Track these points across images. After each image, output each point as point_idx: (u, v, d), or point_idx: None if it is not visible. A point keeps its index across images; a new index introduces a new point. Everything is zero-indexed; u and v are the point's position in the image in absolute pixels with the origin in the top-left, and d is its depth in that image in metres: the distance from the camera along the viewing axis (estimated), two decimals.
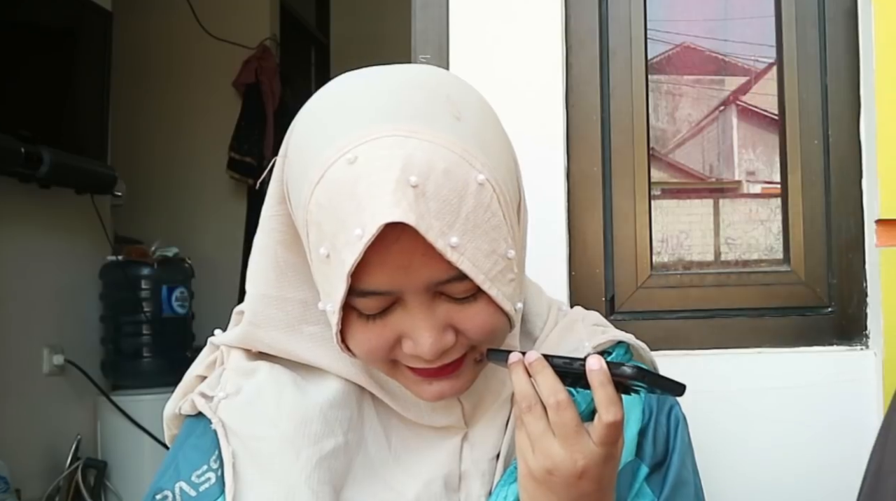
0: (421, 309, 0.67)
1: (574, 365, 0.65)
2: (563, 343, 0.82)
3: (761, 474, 1.16)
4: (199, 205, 3.91)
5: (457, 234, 0.64)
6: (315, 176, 0.64)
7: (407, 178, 0.62)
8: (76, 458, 2.90)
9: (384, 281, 0.65)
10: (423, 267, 0.65)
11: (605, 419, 0.64)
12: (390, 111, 0.66)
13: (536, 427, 0.66)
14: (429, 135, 0.64)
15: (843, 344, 1.19)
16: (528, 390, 0.66)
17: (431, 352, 0.67)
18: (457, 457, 0.77)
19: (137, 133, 3.73)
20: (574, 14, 1.21)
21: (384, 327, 0.68)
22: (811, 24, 1.23)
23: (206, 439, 0.77)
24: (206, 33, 3.80)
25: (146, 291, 3.20)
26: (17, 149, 2.57)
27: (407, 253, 0.64)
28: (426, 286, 0.66)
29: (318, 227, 0.65)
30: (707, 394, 1.16)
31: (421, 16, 1.19)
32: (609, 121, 1.22)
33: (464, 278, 0.65)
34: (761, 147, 1.36)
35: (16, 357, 2.70)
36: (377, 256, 0.63)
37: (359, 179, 0.62)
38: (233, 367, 0.79)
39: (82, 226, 3.04)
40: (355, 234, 0.62)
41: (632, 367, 0.63)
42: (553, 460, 0.65)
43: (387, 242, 0.63)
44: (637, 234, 1.21)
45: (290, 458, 0.72)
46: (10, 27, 2.70)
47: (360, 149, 0.63)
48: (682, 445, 0.83)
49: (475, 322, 0.69)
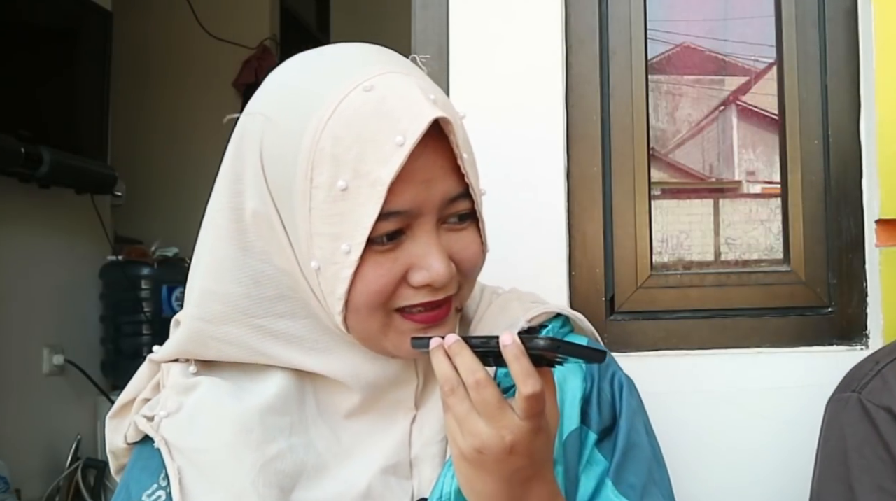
0: (431, 236, 0.71)
1: (490, 343, 0.66)
2: (498, 321, 0.83)
3: (761, 474, 1.16)
4: (199, 205, 3.85)
5: (466, 152, 0.71)
6: (327, 111, 0.68)
7: (427, 95, 0.68)
8: (76, 458, 2.90)
9: (409, 197, 0.69)
10: (442, 180, 0.70)
11: (524, 391, 0.64)
12: (379, 59, 0.72)
13: (461, 408, 0.66)
14: (418, 72, 0.73)
15: (843, 344, 1.19)
16: (449, 373, 0.67)
17: (445, 275, 0.70)
18: (406, 443, 0.77)
19: (137, 133, 3.73)
20: (574, 14, 1.21)
21: (395, 261, 0.71)
22: (811, 24, 1.23)
23: (154, 460, 0.77)
24: (206, 33, 3.80)
25: (146, 291, 3.20)
26: (17, 149, 2.56)
27: (430, 166, 0.69)
28: (442, 202, 0.70)
29: (333, 162, 0.67)
30: (707, 394, 1.16)
31: (421, 16, 1.19)
32: (609, 121, 1.22)
33: (466, 196, 0.72)
34: (761, 147, 1.36)
35: (16, 357, 2.70)
36: (405, 172, 0.67)
37: (383, 99, 0.67)
38: (172, 385, 0.79)
39: (82, 226, 3.04)
40: (395, 142, 0.66)
41: (545, 339, 0.64)
42: (481, 438, 0.66)
43: (414, 155, 0.67)
44: (637, 234, 1.21)
45: (233, 466, 0.73)
46: (11, 27, 2.70)
47: (374, 80, 0.68)
48: (630, 409, 0.83)
49: (468, 251, 0.74)
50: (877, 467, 0.88)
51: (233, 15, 3.91)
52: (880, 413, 0.90)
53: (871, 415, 0.90)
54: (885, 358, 0.95)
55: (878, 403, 0.90)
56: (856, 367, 0.98)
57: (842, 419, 0.93)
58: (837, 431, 0.94)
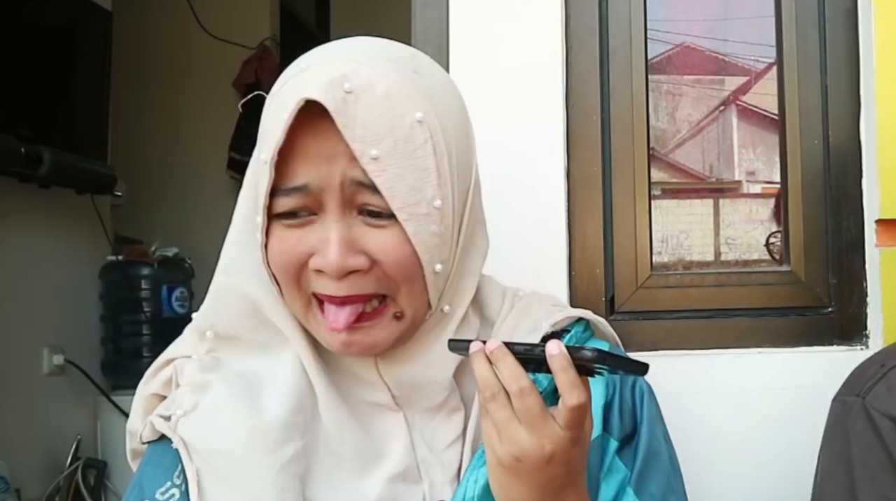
0: (335, 221, 0.71)
1: (535, 351, 0.66)
2: (520, 325, 0.83)
3: (761, 474, 1.16)
4: (199, 205, 3.90)
5: (380, 151, 0.69)
6: (275, 90, 0.72)
7: (342, 83, 0.68)
8: (76, 458, 2.90)
9: (307, 171, 0.70)
10: (344, 160, 0.69)
11: (569, 402, 0.64)
12: (358, 50, 0.73)
13: (501, 414, 0.66)
14: (382, 69, 0.71)
15: (843, 344, 1.19)
16: (490, 378, 0.67)
17: (335, 264, 0.70)
18: (409, 447, 0.77)
19: (137, 133, 3.73)
20: (574, 14, 1.21)
21: (299, 240, 0.72)
22: (811, 24, 1.23)
23: (167, 457, 0.78)
24: (206, 33, 3.80)
25: (146, 291, 3.20)
26: (17, 149, 2.56)
27: (331, 143, 0.69)
28: (342, 184, 0.70)
29: (262, 137, 0.72)
30: (707, 394, 1.16)
31: (421, 16, 1.19)
32: (609, 121, 1.22)
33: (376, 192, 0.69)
34: (761, 147, 1.36)
35: (16, 357, 2.70)
36: (301, 143, 0.69)
37: (301, 80, 0.70)
38: (187, 382, 0.80)
39: (82, 226, 3.04)
40: (282, 119, 0.68)
41: (592, 350, 0.63)
42: (520, 446, 0.66)
43: (316, 133, 0.69)
44: (637, 234, 1.21)
45: (252, 469, 0.73)
46: (10, 27, 2.70)
47: (316, 60, 0.72)
48: (651, 416, 0.83)
49: (388, 252, 0.71)
50: (881, 476, 0.88)
51: (233, 15, 3.90)
52: (885, 421, 0.89)
53: (875, 423, 0.89)
54: (891, 361, 0.93)
55: (882, 411, 0.89)
56: (861, 368, 0.97)
57: (846, 424, 0.92)
58: (842, 436, 0.93)
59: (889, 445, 0.88)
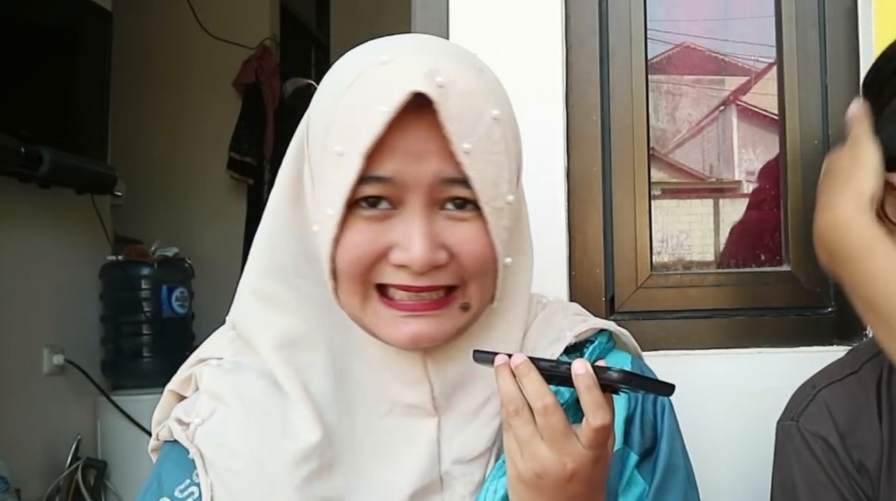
0: (419, 216, 0.70)
1: (560, 368, 0.65)
2: (544, 334, 0.82)
3: (761, 474, 1.16)
4: (199, 205, 3.90)
5: (472, 145, 0.69)
6: (349, 82, 0.69)
7: (434, 77, 0.67)
8: (76, 458, 2.90)
9: (393, 166, 0.68)
10: (435, 158, 0.69)
11: (594, 423, 0.64)
12: (424, 45, 0.73)
13: (524, 430, 0.66)
14: (457, 65, 0.70)
15: (843, 344, 1.19)
16: (514, 393, 0.66)
17: (422, 259, 0.69)
18: (436, 458, 0.76)
19: (137, 133, 3.73)
20: (574, 14, 1.21)
21: (379, 233, 0.71)
22: (811, 24, 1.23)
23: (186, 455, 0.78)
24: (206, 33, 3.80)
25: (146, 291, 3.20)
26: (17, 149, 2.56)
27: (422, 141, 0.68)
28: (433, 180, 0.69)
29: (339, 129, 0.69)
30: (707, 394, 1.16)
31: (421, 16, 1.19)
32: (609, 121, 1.22)
33: (467, 187, 0.69)
34: (761, 147, 1.36)
35: (16, 357, 2.70)
36: (392, 140, 0.67)
37: (388, 72, 0.68)
38: (205, 389, 0.80)
39: (82, 226, 3.04)
40: (380, 111, 0.66)
41: (618, 371, 0.63)
42: (542, 463, 0.65)
43: (405, 128, 0.67)
44: (637, 234, 1.21)
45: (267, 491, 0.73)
46: (11, 27, 2.70)
47: (395, 54, 0.69)
48: (671, 430, 0.83)
49: (468, 244, 0.71)
50: (821, 495, 0.89)
51: (233, 15, 3.91)
52: (817, 441, 0.91)
53: (809, 445, 0.91)
54: (821, 383, 0.95)
55: (813, 432, 0.91)
56: (797, 391, 0.98)
57: (787, 448, 0.95)
58: (784, 459, 0.95)
59: (823, 464, 0.90)
